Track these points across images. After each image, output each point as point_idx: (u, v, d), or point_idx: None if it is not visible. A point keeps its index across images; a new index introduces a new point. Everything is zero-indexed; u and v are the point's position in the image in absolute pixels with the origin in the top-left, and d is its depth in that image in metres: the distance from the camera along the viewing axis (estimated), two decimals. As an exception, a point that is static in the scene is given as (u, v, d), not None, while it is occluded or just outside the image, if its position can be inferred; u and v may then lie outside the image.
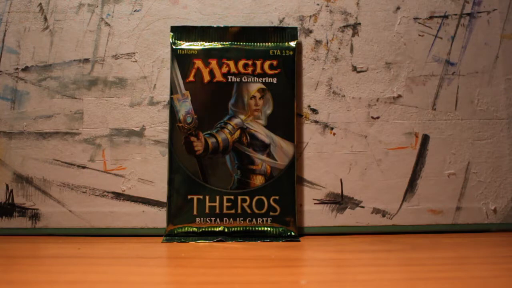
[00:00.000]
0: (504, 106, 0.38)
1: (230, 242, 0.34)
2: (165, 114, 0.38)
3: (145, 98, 0.38)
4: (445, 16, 0.39)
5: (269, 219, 0.35)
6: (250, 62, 0.37)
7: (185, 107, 0.36)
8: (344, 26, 0.39)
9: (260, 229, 0.35)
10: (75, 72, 0.38)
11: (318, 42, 0.38)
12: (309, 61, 0.38)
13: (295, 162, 0.36)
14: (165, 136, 0.38)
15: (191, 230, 0.35)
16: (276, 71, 0.37)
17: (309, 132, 0.38)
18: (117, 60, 0.38)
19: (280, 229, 0.35)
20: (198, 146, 0.36)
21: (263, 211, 0.36)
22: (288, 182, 0.36)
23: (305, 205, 0.37)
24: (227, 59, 0.37)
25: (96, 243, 0.34)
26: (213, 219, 0.35)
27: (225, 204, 0.36)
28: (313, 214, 0.37)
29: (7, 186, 0.37)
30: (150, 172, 0.37)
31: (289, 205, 0.36)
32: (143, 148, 0.38)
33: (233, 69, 0.37)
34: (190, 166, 0.36)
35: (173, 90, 0.37)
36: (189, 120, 0.36)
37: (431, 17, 0.39)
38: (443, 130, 0.38)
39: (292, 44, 0.37)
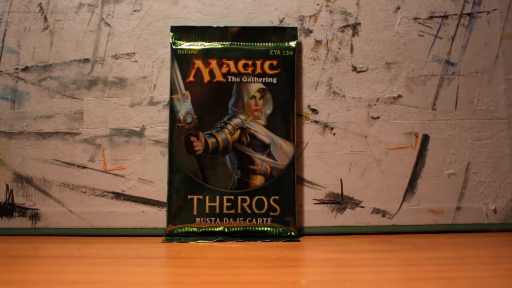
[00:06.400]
0: (504, 106, 0.38)
1: (230, 242, 0.34)
2: (165, 114, 0.38)
3: (145, 98, 0.38)
4: (445, 16, 0.39)
5: (269, 219, 0.35)
6: (250, 62, 0.37)
7: (185, 107, 0.36)
8: (344, 26, 0.39)
9: (260, 229, 0.35)
10: (75, 72, 0.38)
11: (318, 42, 0.38)
12: (309, 61, 0.38)
13: (295, 162, 0.36)
14: (165, 136, 0.38)
15: (191, 230, 0.35)
16: (276, 71, 0.37)
17: (309, 132, 0.38)
18: (117, 60, 0.38)
19: (280, 229, 0.35)
20: (198, 146, 0.36)
21: (263, 211, 0.36)
22: (288, 182, 0.36)
23: (305, 205, 0.37)
24: (227, 59, 0.37)
25: (96, 243, 0.34)
26: (213, 219, 0.35)
27: (225, 204, 0.36)
28: (313, 214, 0.37)
29: (7, 186, 0.37)
30: (150, 172, 0.37)
31: (289, 205, 0.36)
32: (143, 148, 0.38)
33: (233, 69, 0.37)
34: (190, 166, 0.36)
35: (173, 90, 0.37)
36: (189, 120, 0.36)
37: (431, 17, 0.39)
38: (443, 130, 0.38)
39: (292, 44, 0.37)
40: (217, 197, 0.36)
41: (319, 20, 0.39)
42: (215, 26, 0.38)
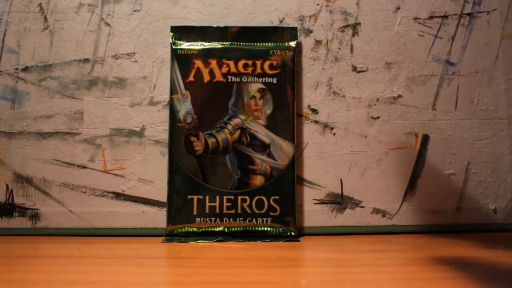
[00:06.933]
0: (504, 106, 0.38)
1: (230, 242, 0.34)
2: (165, 114, 0.38)
3: (145, 98, 0.38)
4: (445, 16, 0.39)
5: (269, 219, 0.35)
6: (250, 62, 0.37)
7: (185, 107, 0.36)
8: (344, 26, 0.39)
9: (260, 229, 0.35)
10: (75, 72, 0.38)
11: (318, 42, 0.38)
12: (309, 61, 0.38)
13: (295, 162, 0.36)
14: (165, 136, 0.38)
15: (191, 230, 0.35)
16: (276, 71, 0.37)
17: (309, 132, 0.38)
18: (117, 60, 0.38)
19: (280, 229, 0.35)
20: (198, 146, 0.36)
21: (263, 211, 0.36)
22: (288, 182, 0.36)
23: (305, 205, 0.37)
24: (227, 59, 0.37)
25: (96, 243, 0.34)
26: (213, 219, 0.35)
27: (225, 204, 0.36)
28: (313, 214, 0.37)
29: (7, 186, 0.37)
30: (150, 172, 0.37)
31: (289, 205, 0.36)
32: (143, 148, 0.38)
33: (233, 69, 0.37)
34: (190, 166, 0.36)
35: (173, 90, 0.37)
36: (189, 120, 0.36)
37: (431, 17, 0.39)
38: (443, 130, 0.38)
39: (292, 44, 0.37)
40: (217, 197, 0.36)
41: (319, 20, 0.39)
42: (215, 26, 0.38)
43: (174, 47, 0.37)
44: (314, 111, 0.38)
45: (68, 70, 0.38)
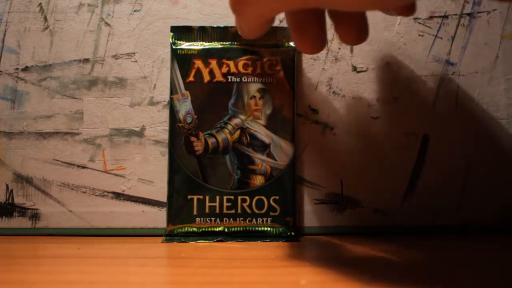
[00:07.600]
0: (504, 106, 0.38)
1: (230, 242, 0.34)
2: (165, 114, 0.38)
3: (145, 98, 0.38)
4: (445, 16, 0.39)
5: (269, 219, 0.35)
6: (250, 62, 0.37)
7: (185, 107, 0.36)
8: (344, 26, 0.38)
9: (260, 229, 0.35)
10: (75, 72, 0.38)
11: (318, 42, 0.38)
12: (309, 61, 0.38)
13: (295, 162, 0.36)
14: (165, 136, 0.38)
15: (191, 230, 0.35)
16: (276, 71, 0.37)
17: (309, 132, 0.38)
18: (117, 60, 0.38)
19: (280, 229, 0.35)
20: (198, 146, 0.36)
21: (263, 211, 0.36)
22: (288, 182, 0.36)
23: (305, 205, 0.37)
24: (227, 59, 0.37)
25: (96, 243, 0.34)
26: (213, 219, 0.35)
27: (225, 204, 0.36)
28: (313, 214, 0.37)
29: (7, 186, 0.37)
30: (150, 172, 0.37)
31: (289, 205, 0.36)
32: (143, 148, 0.38)
33: (233, 69, 0.37)
34: (190, 166, 0.36)
35: (173, 90, 0.37)
36: (189, 120, 0.36)
37: (431, 17, 0.39)
38: (443, 130, 0.38)
39: (292, 44, 0.37)
40: (217, 197, 0.36)
41: (319, 20, 0.38)
42: (215, 26, 0.38)
43: (174, 47, 0.37)
44: (314, 111, 0.38)
45: (68, 70, 0.38)
